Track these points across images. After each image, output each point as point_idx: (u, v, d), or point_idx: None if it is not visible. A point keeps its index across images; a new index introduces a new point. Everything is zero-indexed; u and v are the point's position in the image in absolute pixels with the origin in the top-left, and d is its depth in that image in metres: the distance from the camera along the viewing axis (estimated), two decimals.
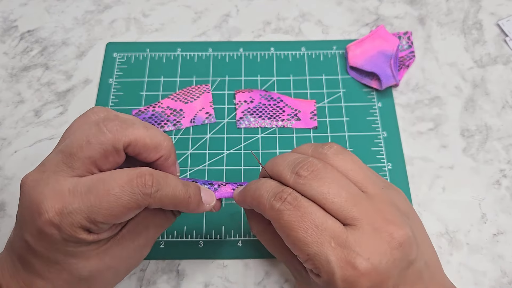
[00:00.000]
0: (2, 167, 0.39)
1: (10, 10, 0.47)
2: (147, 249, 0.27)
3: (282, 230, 0.23)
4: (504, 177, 0.38)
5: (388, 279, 0.22)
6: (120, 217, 0.23)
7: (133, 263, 0.27)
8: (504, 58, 0.44)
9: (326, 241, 0.22)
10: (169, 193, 0.23)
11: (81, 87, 0.43)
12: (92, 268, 0.24)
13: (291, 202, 0.23)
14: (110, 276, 0.26)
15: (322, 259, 0.22)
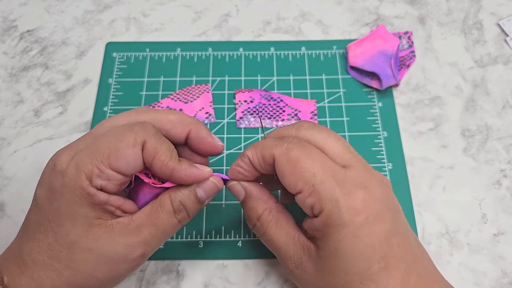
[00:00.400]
0: (1, 167, 0.39)
1: (10, 9, 0.47)
2: (136, 253, 0.25)
3: (289, 165, 0.24)
4: (504, 177, 0.38)
5: (386, 213, 0.24)
6: (119, 158, 0.23)
7: (116, 263, 0.25)
8: (504, 58, 0.44)
9: (330, 174, 0.24)
10: (157, 146, 0.24)
11: (80, 87, 0.43)
12: (78, 237, 0.24)
13: (297, 142, 0.25)
14: (89, 262, 0.24)
15: (326, 188, 0.23)
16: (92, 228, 0.24)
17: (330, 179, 0.24)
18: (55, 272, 0.24)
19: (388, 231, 0.24)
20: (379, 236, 0.24)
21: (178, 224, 0.26)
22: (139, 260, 0.25)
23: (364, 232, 0.23)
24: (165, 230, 0.26)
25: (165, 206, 0.26)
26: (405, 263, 0.24)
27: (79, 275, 0.24)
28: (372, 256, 0.23)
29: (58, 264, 0.24)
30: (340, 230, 0.23)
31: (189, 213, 0.27)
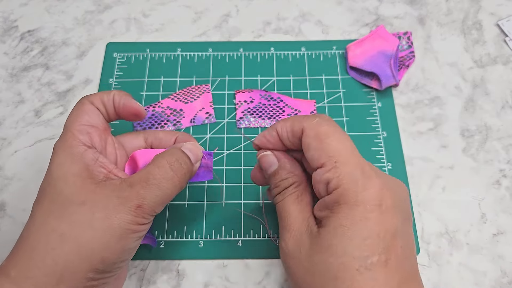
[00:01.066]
0: (2, 167, 0.39)
1: (11, 10, 0.47)
2: (130, 203, 0.25)
3: (316, 138, 0.25)
4: (504, 177, 0.38)
5: (398, 212, 0.24)
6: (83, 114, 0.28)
7: (111, 212, 0.24)
8: (504, 58, 0.44)
9: (354, 155, 0.25)
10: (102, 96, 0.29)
11: (81, 87, 0.43)
12: (71, 193, 0.25)
13: (328, 119, 0.26)
14: (84, 213, 0.24)
15: (348, 167, 0.24)
16: (84, 184, 0.25)
17: (353, 160, 0.24)
18: (50, 230, 0.24)
19: (397, 228, 0.23)
20: (387, 228, 0.23)
21: (174, 177, 0.26)
22: (137, 212, 0.25)
23: (375, 217, 0.23)
24: (159, 185, 0.25)
25: (157, 162, 0.26)
26: (403, 272, 0.23)
27: (75, 227, 0.24)
28: (376, 245, 0.23)
29: (52, 221, 0.24)
30: (351, 208, 0.23)
31: (183, 166, 0.27)
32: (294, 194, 0.27)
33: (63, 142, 0.27)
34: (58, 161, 0.26)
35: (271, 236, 0.35)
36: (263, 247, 0.35)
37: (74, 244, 0.24)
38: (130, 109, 0.29)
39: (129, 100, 0.29)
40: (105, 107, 0.29)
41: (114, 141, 0.30)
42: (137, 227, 0.25)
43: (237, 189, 0.37)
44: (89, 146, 0.27)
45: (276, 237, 0.35)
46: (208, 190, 0.37)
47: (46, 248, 0.24)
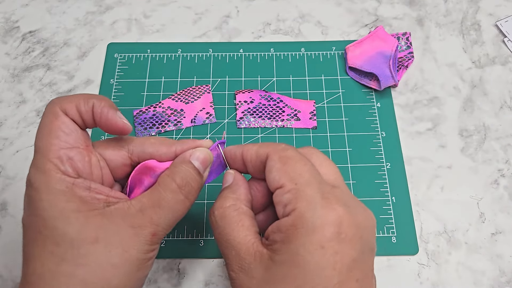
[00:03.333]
0: (4, 167, 0.39)
1: (12, 11, 0.47)
2: (145, 231, 0.23)
3: (280, 161, 0.24)
4: (502, 177, 0.38)
5: (358, 243, 0.22)
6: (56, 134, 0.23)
7: (127, 244, 0.23)
8: (502, 58, 0.44)
9: (316, 181, 0.23)
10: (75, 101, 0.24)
11: (82, 87, 0.43)
12: (78, 233, 0.22)
13: (294, 148, 0.25)
14: (99, 250, 0.23)
15: (308, 191, 0.23)
16: (89, 219, 0.23)
17: (315, 185, 0.23)
18: (66, 277, 0.22)
19: (354, 260, 0.22)
20: (343, 260, 0.22)
21: (185, 200, 0.25)
22: (153, 240, 0.24)
23: (331, 246, 0.22)
24: (172, 208, 0.24)
25: (166, 184, 0.25)
26: None
27: (93, 268, 0.22)
28: (331, 277, 0.21)
29: (67, 267, 0.22)
30: (308, 235, 0.22)
31: (194, 186, 0.25)
32: (235, 218, 0.25)
33: (45, 176, 0.23)
34: (48, 200, 0.23)
35: None
36: None
37: (98, 286, 0.22)
38: (113, 125, 0.25)
39: (112, 115, 0.25)
40: (82, 117, 0.24)
41: (98, 159, 0.26)
42: (152, 254, 0.25)
43: None
44: (74, 176, 0.23)
45: None
46: (208, 189, 0.38)
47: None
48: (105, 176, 0.26)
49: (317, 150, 0.26)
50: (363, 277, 0.23)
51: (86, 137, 0.25)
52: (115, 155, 0.26)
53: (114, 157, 0.26)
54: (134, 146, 0.27)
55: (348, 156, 0.39)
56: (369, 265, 0.24)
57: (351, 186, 0.38)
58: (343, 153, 0.39)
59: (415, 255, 0.35)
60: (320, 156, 0.26)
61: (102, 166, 0.26)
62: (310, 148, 0.27)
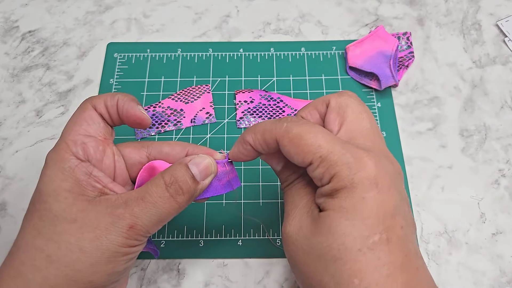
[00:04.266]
0: (3, 167, 0.39)
1: (12, 10, 0.47)
2: (123, 222, 0.23)
3: (293, 144, 0.24)
4: (503, 177, 0.38)
5: (394, 190, 0.23)
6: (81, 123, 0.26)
7: (102, 231, 0.23)
8: (503, 58, 0.44)
9: (335, 143, 0.24)
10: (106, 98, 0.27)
11: (82, 87, 0.43)
12: (61, 210, 0.23)
13: (295, 120, 0.25)
14: (73, 231, 0.23)
15: (335, 155, 0.23)
16: (76, 201, 0.23)
17: (337, 147, 0.23)
18: (35, 250, 0.23)
19: (395, 207, 0.23)
20: (385, 207, 0.23)
21: (171, 199, 0.25)
22: (129, 233, 0.23)
23: (372, 196, 0.22)
24: (156, 204, 0.24)
25: (155, 180, 0.25)
26: (406, 251, 0.23)
27: (61, 247, 0.23)
28: (376, 224, 0.22)
29: (40, 241, 0.23)
30: (349, 190, 0.23)
31: (182, 187, 0.25)
32: (299, 184, 0.26)
33: (56, 153, 0.25)
34: (49, 175, 0.24)
35: (269, 236, 0.36)
36: (263, 247, 0.35)
37: (61, 266, 0.22)
38: (133, 116, 0.27)
39: (132, 107, 0.27)
40: (109, 112, 0.27)
41: (115, 153, 0.27)
42: (128, 250, 0.24)
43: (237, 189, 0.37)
44: (82, 159, 0.25)
45: (275, 236, 0.36)
46: None
47: (32, 270, 0.22)
48: (119, 171, 0.27)
49: (353, 101, 0.26)
50: (406, 225, 0.23)
51: (106, 131, 0.27)
52: (133, 153, 0.28)
53: (132, 155, 0.28)
54: (152, 147, 0.28)
55: None
56: (408, 212, 0.24)
57: None
58: None
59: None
60: (356, 109, 0.26)
61: (117, 159, 0.27)
62: (346, 98, 0.26)
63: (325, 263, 0.23)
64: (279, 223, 0.36)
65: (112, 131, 0.28)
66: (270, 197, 0.37)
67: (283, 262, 0.35)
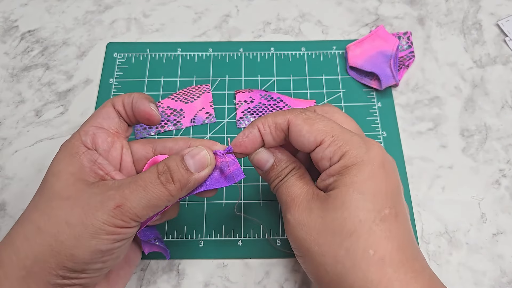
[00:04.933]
0: (2, 167, 0.39)
1: (11, 10, 0.47)
2: (111, 201, 0.24)
3: (306, 123, 0.26)
4: (503, 177, 0.38)
5: (396, 174, 0.26)
6: (97, 116, 0.28)
7: (90, 209, 0.24)
8: (503, 58, 0.44)
9: (345, 130, 0.26)
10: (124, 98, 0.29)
11: (81, 87, 0.43)
12: (60, 188, 0.25)
13: (308, 111, 0.27)
14: (65, 207, 0.24)
15: (347, 136, 0.25)
16: (76, 183, 0.25)
17: (347, 132, 0.25)
18: (28, 222, 0.24)
19: (398, 187, 0.25)
20: (392, 186, 0.25)
21: (161, 186, 0.25)
22: (115, 212, 0.24)
23: (380, 175, 0.24)
24: (145, 187, 0.25)
25: (151, 168, 0.26)
26: (409, 229, 0.25)
27: (50, 219, 0.24)
28: (385, 199, 0.24)
29: (34, 214, 0.25)
30: (360, 167, 0.24)
31: (173, 176, 0.25)
32: (296, 175, 0.27)
33: (68, 141, 0.27)
34: (58, 158, 0.27)
35: (268, 237, 0.35)
36: (263, 247, 0.35)
37: (47, 237, 0.24)
38: (142, 112, 0.28)
39: (143, 103, 0.28)
40: (125, 109, 0.29)
41: (124, 147, 0.29)
42: (113, 229, 0.24)
43: (237, 189, 0.37)
44: (90, 147, 0.27)
45: (275, 237, 0.36)
46: None
47: (21, 239, 0.24)
48: (125, 164, 0.29)
49: (337, 109, 0.29)
50: (406, 206, 0.26)
51: (120, 126, 0.29)
52: (140, 148, 0.30)
53: (139, 150, 0.30)
54: (158, 144, 0.30)
55: None
56: (404, 200, 0.27)
57: None
58: None
59: None
60: (342, 114, 0.29)
61: (124, 153, 0.29)
62: (330, 107, 0.29)
63: (340, 238, 0.24)
64: (279, 223, 0.36)
65: (128, 128, 0.30)
66: (270, 197, 0.37)
67: (283, 262, 0.35)
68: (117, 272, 0.30)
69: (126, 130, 0.30)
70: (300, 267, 0.35)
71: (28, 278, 0.23)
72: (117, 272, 0.30)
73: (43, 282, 0.24)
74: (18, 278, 0.23)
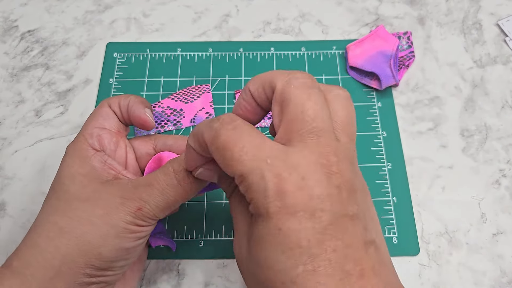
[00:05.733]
0: (2, 167, 0.39)
1: (11, 10, 0.47)
2: (131, 204, 0.25)
3: (218, 152, 0.21)
4: (503, 177, 0.38)
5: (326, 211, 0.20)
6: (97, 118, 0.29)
7: (112, 209, 0.25)
8: (503, 58, 0.44)
9: (262, 159, 0.20)
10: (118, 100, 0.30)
11: (81, 87, 0.43)
12: (77, 191, 0.26)
13: (228, 121, 0.21)
14: (86, 208, 0.25)
15: (255, 176, 0.20)
16: (91, 183, 0.26)
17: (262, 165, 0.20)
18: (50, 224, 0.25)
19: (322, 231, 0.19)
20: (307, 234, 0.19)
21: (178, 186, 0.25)
22: (137, 214, 0.25)
23: (289, 226, 0.19)
24: (163, 191, 0.25)
25: (164, 168, 0.26)
26: (343, 271, 0.19)
27: (73, 220, 0.25)
28: (298, 255, 0.19)
29: (55, 217, 0.25)
30: (265, 220, 0.20)
31: (190, 175, 0.26)
32: (237, 196, 0.24)
33: (75, 145, 0.28)
34: (68, 162, 0.27)
35: None
36: None
37: (72, 237, 0.24)
38: (137, 117, 0.29)
39: (139, 108, 0.29)
40: (121, 111, 0.29)
41: (127, 145, 0.30)
42: (136, 228, 0.25)
43: None
44: (98, 149, 0.28)
45: None
46: None
47: (46, 241, 0.24)
48: (130, 161, 0.30)
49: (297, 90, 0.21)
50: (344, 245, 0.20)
51: (120, 125, 0.30)
52: (141, 145, 0.30)
53: (140, 147, 0.30)
54: (158, 140, 0.31)
55: None
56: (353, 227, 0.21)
57: None
58: None
59: (416, 256, 0.35)
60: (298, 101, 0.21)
61: (128, 151, 0.30)
62: (293, 88, 0.21)
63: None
64: None
65: (126, 127, 0.30)
66: None
67: None
68: (131, 268, 0.30)
69: (125, 129, 0.30)
70: None
71: (55, 279, 0.24)
72: (131, 268, 0.30)
73: (71, 281, 0.24)
74: (46, 279, 0.24)
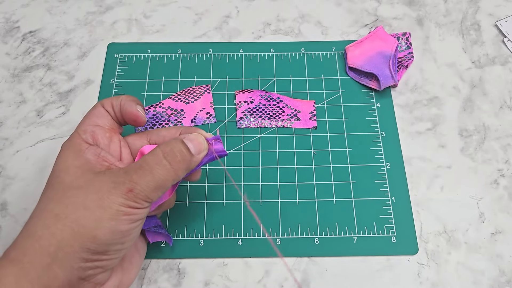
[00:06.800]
0: (4, 167, 0.39)
1: (12, 11, 0.47)
2: (123, 186, 0.26)
3: None
4: (502, 177, 0.38)
5: None
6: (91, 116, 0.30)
7: (104, 193, 0.26)
8: (502, 58, 0.44)
9: None
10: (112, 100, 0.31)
11: (82, 87, 0.43)
12: (71, 181, 0.27)
13: None
14: (80, 195, 0.26)
15: None
16: (84, 174, 0.27)
17: None
18: (46, 212, 0.26)
19: None
20: None
21: (168, 166, 0.27)
22: (128, 195, 0.26)
23: None
24: (152, 170, 0.26)
25: (153, 151, 0.28)
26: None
27: (68, 207, 0.25)
28: None
29: (51, 205, 0.26)
30: None
31: (178, 155, 0.27)
32: None
33: (69, 141, 0.29)
34: (62, 156, 0.28)
35: (268, 236, 0.36)
36: (263, 246, 0.35)
37: (67, 222, 0.25)
38: (130, 114, 0.30)
39: (131, 105, 0.30)
40: (114, 111, 0.31)
41: (121, 140, 0.31)
42: (129, 210, 0.26)
43: (237, 189, 0.38)
44: (91, 144, 0.29)
45: (275, 236, 0.36)
46: (208, 189, 0.38)
47: (41, 228, 0.25)
48: (125, 155, 0.31)
49: None
50: None
51: (113, 123, 0.31)
52: (136, 140, 0.32)
53: (135, 141, 0.32)
54: (152, 134, 0.32)
55: (348, 156, 0.39)
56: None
57: (351, 186, 0.38)
58: (343, 153, 0.39)
59: (415, 255, 0.35)
60: None
61: (123, 145, 0.31)
62: None
63: None
64: (279, 223, 0.36)
65: (120, 126, 0.32)
66: (270, 197, 0.37)
67: (283, 261, 0.35)
68: (129, 260, 0.31)
69: (118, 127, 0.32)
70: (300, 266, 0.35)
71: (53, 265, 0.24)
72: (129, 260, 0.31)
73: (68, 266, 0.25)
74: (44, 266, 0.24)
